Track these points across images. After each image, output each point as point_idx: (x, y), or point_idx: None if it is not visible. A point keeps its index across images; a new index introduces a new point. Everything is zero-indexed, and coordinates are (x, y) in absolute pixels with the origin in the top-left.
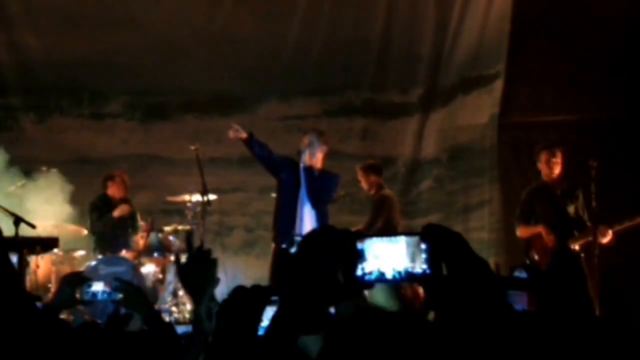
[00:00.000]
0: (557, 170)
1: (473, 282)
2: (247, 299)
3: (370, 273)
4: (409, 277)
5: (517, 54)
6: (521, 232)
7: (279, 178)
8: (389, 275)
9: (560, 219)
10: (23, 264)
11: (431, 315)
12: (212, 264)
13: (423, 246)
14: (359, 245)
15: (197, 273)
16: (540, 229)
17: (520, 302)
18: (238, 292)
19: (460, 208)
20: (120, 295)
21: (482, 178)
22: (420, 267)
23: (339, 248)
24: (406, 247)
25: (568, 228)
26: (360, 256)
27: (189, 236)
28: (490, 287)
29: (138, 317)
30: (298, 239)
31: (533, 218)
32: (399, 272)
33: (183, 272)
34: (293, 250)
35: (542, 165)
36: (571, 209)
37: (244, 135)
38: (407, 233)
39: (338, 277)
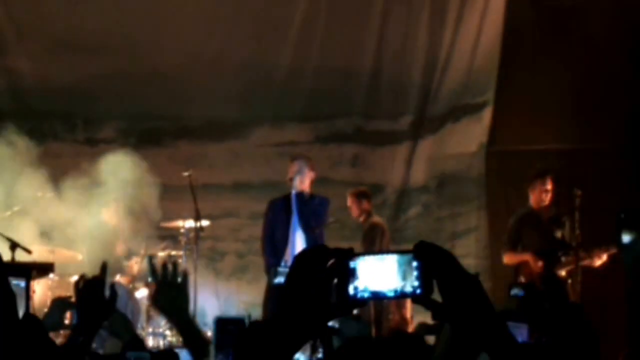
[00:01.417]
0: (547, 197)
1: (465, 297)
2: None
3: (362, 291)
4: (400, 296)
5: (506, 83)
6: (508, 259)
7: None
8: (380, 293)
9: (547, 245)
10: (30, 288)
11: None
12: (181, 285)
13: (414, 264)
14: (351, 264)
15: (167, 297)
16: (527, 256)
17: (520, 334)
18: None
19: (447, 235)
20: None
21: (470, 206)
22: (411, 285)
23: (331, 266)
24: (397, 266)
25: (555, 254)
26: (352, 274)
27: (150, 261)
28: (483, 302)
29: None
30: (282, 269)
31: (520, 245)
32: (391, 291)
33: (154, 300)
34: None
35: (533, 192)
36: (558, 235)
37: None
38: (399, 251)
39: (330, 295)
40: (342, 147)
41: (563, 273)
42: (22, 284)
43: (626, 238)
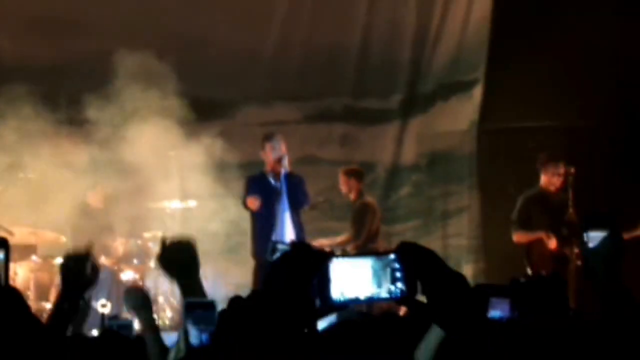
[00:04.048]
0: (558, 180)
1: (449, 298)
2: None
3: (337, 296)
4: (376, 301)
5: (497, 59)
6: (518, 237)
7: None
8: (354, 299)
9: (557, 227)
10: (8, 259)
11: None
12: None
13: (395, 265)
14: (327, 267)
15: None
16: (541, 234)
17: (501, 309)
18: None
19: (439, 214)
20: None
21: (461, 184)
22: (386, 291)
23: (312, 270)
24: (372, 272)
25: (565, 234)
26: (329, 278)
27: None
28: (468, 303)
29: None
30: (282, 246)
31: (530, 225)
32: (366, 297)
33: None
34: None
35: (545, 175)
36: (567, 216)
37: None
38: (377, 253)
39: (312, 298)
40: (331, 126)
41: (576, 250)
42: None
43: (594, 239)
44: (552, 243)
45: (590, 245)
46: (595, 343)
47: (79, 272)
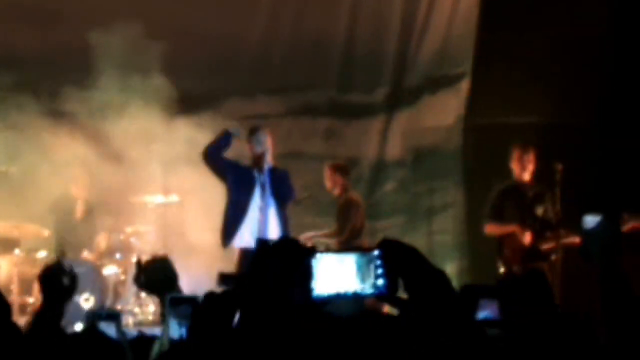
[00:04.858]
0: (529, 167)
1: (431, 295)
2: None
3: (321, 291)
4: (360, 297)
5: (484, 53)
6: (490, 229)
7: (226, 180)
8: (338, 294)
9: (529, 221)
10: None
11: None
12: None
13: (377, 262)
14: (311, 261)
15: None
16: (513, 227)
17: (490, 309)
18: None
19: (424, 210)
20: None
21: (446, 181)
22: (370, 286)
23: (292, 264)
24: (356, 268)
25: (537, 229)
26: (311, 274)
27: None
28: (448, 299)
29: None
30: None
31: (502, 218)
32: (349, 293)
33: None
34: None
35: (514, 164)
36: (539, 212)
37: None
38: (360, 249)
39: (291, 294)
40: (315, 120)
41: (547, 247)
42: None
43: (590, 223)
44: (527, 238)
45: (587, 228)
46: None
47: (58, 283)
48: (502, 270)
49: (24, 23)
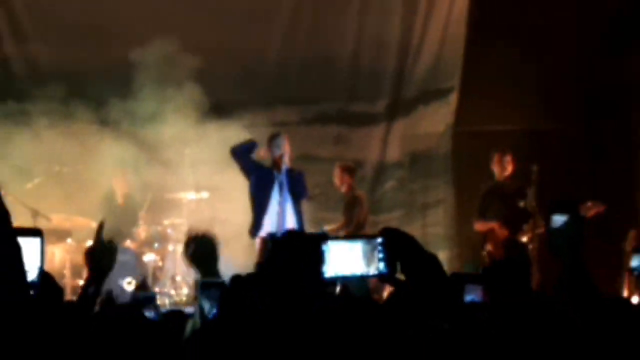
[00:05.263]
0: (508, 168)
1: (424, 276)
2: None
3: (332, 274)
4: (365, 278)
5: (471, 69)
6: (478, 226)
7: (249, 179)
8: (347, 276)
9: (511, 214)
10: (44, 246)
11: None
12: (113, 253)
13: (379, 248)
14: (322, 248)
15: (102, 258)
16: (494, 224)
17: (475, 293)
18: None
19: (419, 206)
20: None
21: (438, 180)
22: (374, 269)
23: (306, 251)
24: (362, 252)
25: (518, 222)
26: (323, 258)
27: (100, 226)
28: (439, 280)
29: None
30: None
31: (489, 214)
32: (357, 275)
33: (91, 257)
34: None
35: (495, 166)
36: (521, 205)
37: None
38: (366, 236)
39: (302, 277)
40: (325, 128)
41: (525, 239)
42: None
43: (557, 222)
44: (503, 233)
45: (554, 226)
46: (557, 318)
47: (102, 259)
48: (486, 259)
49: (74, 42)
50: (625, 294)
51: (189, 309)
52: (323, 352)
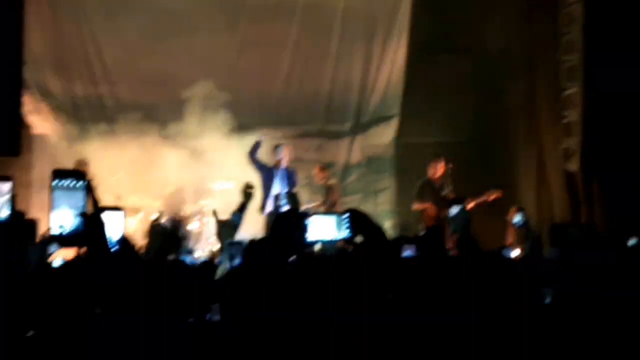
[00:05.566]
0: (439, 171)
1: (374, 239)
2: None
3: (313, 238)
4: (337, 241)
5: (407, 103)
6: (416, 206)
7: (259, 173)
8: (324, 240)
9: (439, 200)
10: (125, 219)
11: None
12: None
13: (346, 221)
14: (306, 221)
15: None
16: (428, 205)
17: (410, 250)
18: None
19: (372, 191)
20: None
21: (386, 175)
22: (342, 235)
23: (296, 222)
24: (335, 223)
25: (444, 205)
26: (305, 227)
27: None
28: (384, 243)
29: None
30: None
31: (424, 199)
32: (332, 239)
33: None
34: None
35: (432, 169)
36: (444, 193)
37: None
38: (336, 212)
39: (293, 240)
40: (311, 140)
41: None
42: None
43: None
44: (433, 211)
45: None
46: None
47: (175, 233)
48: (423, 228)
49: (145, 82)
50: (508, 243)
51: (217, 260)
52: (310, 284)
